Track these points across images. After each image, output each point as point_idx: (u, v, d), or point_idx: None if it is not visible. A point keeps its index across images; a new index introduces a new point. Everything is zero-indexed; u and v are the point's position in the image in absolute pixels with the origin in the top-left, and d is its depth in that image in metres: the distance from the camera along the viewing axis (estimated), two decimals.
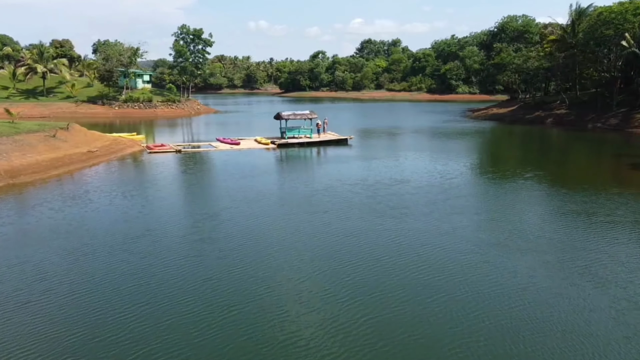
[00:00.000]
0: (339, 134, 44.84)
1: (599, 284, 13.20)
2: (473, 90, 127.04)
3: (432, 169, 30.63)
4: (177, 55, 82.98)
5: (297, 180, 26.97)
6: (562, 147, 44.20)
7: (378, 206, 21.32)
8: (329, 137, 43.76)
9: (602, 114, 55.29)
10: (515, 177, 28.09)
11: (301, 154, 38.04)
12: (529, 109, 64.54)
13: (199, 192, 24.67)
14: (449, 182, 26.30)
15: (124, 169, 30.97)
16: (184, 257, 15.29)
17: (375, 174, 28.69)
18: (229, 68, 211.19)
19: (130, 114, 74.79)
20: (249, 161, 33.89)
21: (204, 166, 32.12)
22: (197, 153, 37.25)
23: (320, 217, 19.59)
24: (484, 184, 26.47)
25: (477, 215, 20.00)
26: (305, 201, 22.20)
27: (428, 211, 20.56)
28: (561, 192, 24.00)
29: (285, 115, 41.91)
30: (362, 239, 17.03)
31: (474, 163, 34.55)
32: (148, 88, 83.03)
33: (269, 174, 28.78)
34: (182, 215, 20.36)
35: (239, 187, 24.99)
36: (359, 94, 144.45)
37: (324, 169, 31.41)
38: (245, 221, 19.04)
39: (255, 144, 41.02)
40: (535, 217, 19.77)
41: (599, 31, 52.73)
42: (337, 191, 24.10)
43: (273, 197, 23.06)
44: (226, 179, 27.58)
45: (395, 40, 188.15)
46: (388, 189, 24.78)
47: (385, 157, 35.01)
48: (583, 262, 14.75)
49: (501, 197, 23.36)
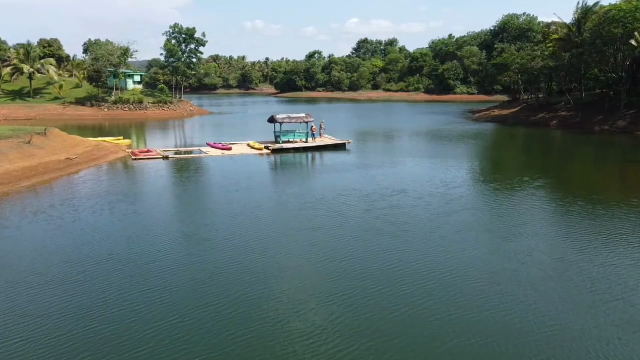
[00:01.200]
0: (336, 138, 42.57)
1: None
2: (471, 91, 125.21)
3: (433, 176, 28.45)
4: (168, 55, 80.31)
5: (289, 191, 24.64)
6: (570, 152, 42.04)
7: (375, 222, 19.14)
8: (326, 141, 41.46)
9: (609, 116, 53.22)
10: (524, 187, 25.89)
11: (296, 160, 35.73)
12: (532, 111, 62.43)
13: (180, 208, 22.23)
14: (452, 193, 24.15)
15: (103, 178, 28.47)
16: (150, 288, 12.97)
17: (373, 183, 26.48)
18: (224, 68, 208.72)
19: (119, 115, 72.28)
20: (239, 169, 31.57)
21: (191, 175, 29.75)
22: (185, 159, 34.87)
23: (309, 236, 17.35)
24: (491, 195, 24.22)
25: (487, 234, 17.74)
26: (295, 216, 20.00)
27: (431, 228, 18.43)
28: (577, 205, 21.72)
29: (279, 119, 39.56)
30: (353, 265, 14.75)
31: (477, 170, 32.39)
32: (139, 89, 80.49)
33: (259, 185, 26.42)
34: (155, 235, 17.85)
35: (226, 201, 22.66)
36: (356, 94, 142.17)
37: (319, 177, 29.09)
38: (225, 242, 16.76)
39: (248, 149, 38.67)
40: (551, 236, 17.50)
41: (607, 30, 50.62)
42: (331, 204, 21.88)
43: (261, 212, 20.71)
44: (213, 190, 25.22)
45: (392, 40, 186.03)
46: (386, 200, 22.62)
47: (384, 163, 32.74)
48: (619, 300, 12.51)
49: (510, 210, 21.11)
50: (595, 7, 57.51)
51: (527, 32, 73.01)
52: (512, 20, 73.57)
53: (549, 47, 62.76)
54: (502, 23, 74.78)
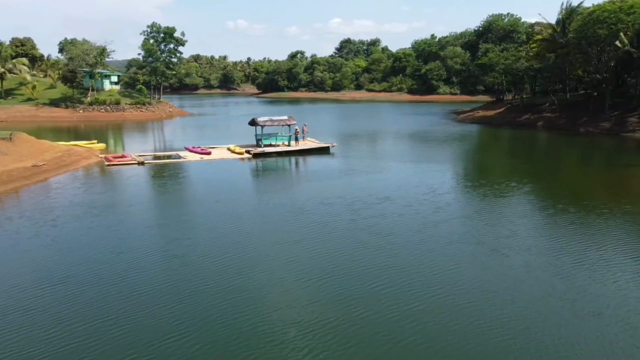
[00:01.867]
0: (319, 141, 41.24)
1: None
2: (454, 91, 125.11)
3: (420, 182, 27.39)
4: (146, 55, 77.97)
5: (270, 201, 23.21)
6: (557, 154, 41.38)
7: (360, 233, 17.97)
8: (310, 144, 40.10)
9: (595, 117, 52.87)
10: (513, 193, 24.93)
11: (279, 165, 34.31)
12: (517, 112, 61.89)
13: (153, 222, 20.53)
14: (440, 200, 23.11)
15: (71, 187, 26.56)
16: (112, 316, 11.48)
17: (358, 189, 25.29)
18: (205, 68, 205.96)
19: (95, 117, 69.87)
20: (219, 176, 30.01)
21: (167, 183, 28.10)
22: (162, 165, 33.17)
23: (288, 251, 16.07)
24: (479, 202, 23.12)
25: (478, 247, 16.63)
26: (276, 229, 18.71)
27: (419, 240, 17.34)
28: (569, 213, 20.70)
29: (261, 122, 38.08)
30: (334, 285, 13.53)
31: (464, 174, 31.42)
32: (116, 90, 78.05)
33: (240, 194, 24.94)
34: (122, 253, 16.26)
35: (204, 213, 21.19)
36: (339, 95, 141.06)
37: (303, 184, 27.73)
38: (200, 260, 15.33)
39: (228, 153, 37.10)
40: (545, 249, 16.39)
41: (592, 30, 50.21)
42: (313, 214, 20.62)
43: (240, 225, 19.25)
44: (190, 201, 23.68)
45: (375, 40, 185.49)
46: (372, 208, 21.48)
47: (369, 168, 31.51)
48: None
49: (501, 220, 20.04)
50: (580, 7, 57.19)
51: (512, 33, 72.54)
52: (496, 21, 73.08)
53: (534, 48, 62.32)
54: (486, 23, 74.21)
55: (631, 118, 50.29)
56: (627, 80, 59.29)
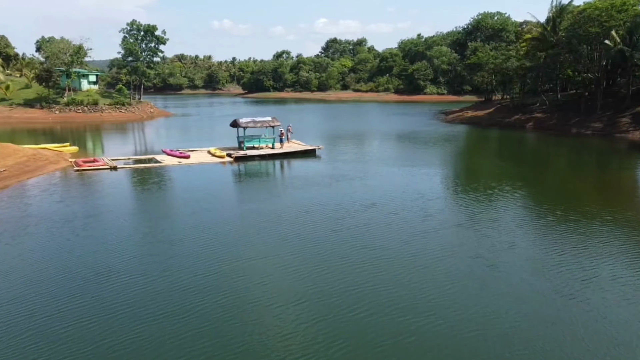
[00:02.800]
0: (305, 143, 39.42)
1: None
2: (441, 91, 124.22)
3: (408, 187, 25.80)
4: (126, 54, 75.30)
5: (249, 210, 21.28)
6: (550, 157, 40.09)
7: (342, 247, 16.34)
8: (295, 147, 38.25)
9: (586, 118, 51.83)
10: (507, 199, 23.43)
11: (262, 170, 32.42)
12: (506, 112, 60.75)
13: (119, 237, 18.42)
14: (430, 206, 21.57)
15: (30, 195, 24.15)
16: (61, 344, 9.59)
17: (344, 196, 23.66)
18: (190, 68, 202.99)
19: (72, 118, 67.20)
20: (197, 182, 27.99)
21: (140, 191, 26.02)
22: (136, 170, 31.07)
23: (261, 269, 14.34)
24: (472, 209, 21.46)
25: (474, 262, 15.02)
26: (252, 241, 17.05)
27: (409, 254, 15.76)
28: (568, 221, 19.13)
29: (243, 123, 36.13)
30: (311, 313, 11.74)
31: (455, 179, 29.83)
32: (94, 89, 75.33)
33: (219, 203, 22.97)
34: (77, 273, 14.30)
35: (179, 226, 19.21)
36: (325, 95, 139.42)
37: (286, 191, 25.84)
38: (169, 282, 13.40)
39: (208, 157, 35.10)
40: (547, 265, 14.76)
41: (583, 29, 49.16)
42: (294, 224, 18.97)
43: (215, 239, 17.36)
44: (164, 212, 21.55)
45: (361, 40, 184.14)
46: (357, 217, 19.86)
47: (356, 172, 29.73)
48: None
49: (495, 229, 18.39)
50: (570, 6, 56.15)
51: (501, 31, 71.48)
52: (485, 19, 71.85)
53: (523, 47, 61.23)
54: (475, 22, 73.03)
55: (623, 118, 49.34)
56: (617, 79, 58.49)
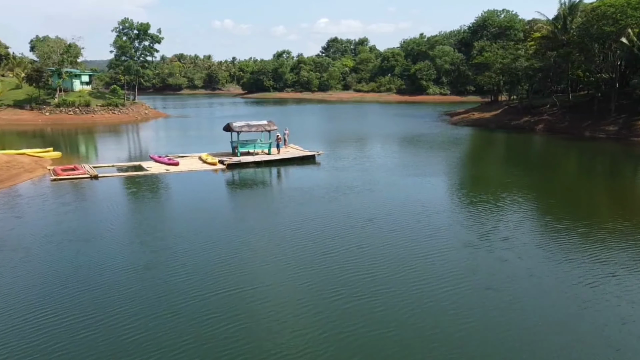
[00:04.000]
0: (303, 148, 36.93)
1: None
2: (444, 91, 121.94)
3: (411, 197, 23.60)
4: (119, 53, 72.72)
5: (241, 230, 18.88)
6: (563, 163, 37.64)
7: (335, 275, 14.18)
8: (293, 152, 35.77)
9: (600, 120, 49.31)
10: (521, 214, 21.11)
11: (257, 178, 29.93)
12: (515, 114, 58.22)
13: (67, 264, 16.10)
14: (435, 222, 19.36)
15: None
16: None
17: (341, 208, 21.44)
18: (189, 68, 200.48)
19: (63, 120, 64.73)
20: (184, 194, 25.45)
21: (118, 205, 23.45)
22: (119, 179, 28.59)
23: (236, 304, 11.91)
24: (482, 227, 18.94)
25: (489, 295, 12.78)
26: (237, 267, 14.69)
27: (408, 283, 13.63)
28: (600, 243, 16.67)
29: (236, 127, 33.66)
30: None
31: (463, 189, 27.15)
32: (86, 90, 72.82)
33: (205, 219, 20.43)
34: (38, 308, 11.94)
35: (161, 253, 16.75)
36: (326, 95, 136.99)
37: (279, 204, 23.31)
38: (135, 317, 10.94)
39: (199, 163, 32.61)
40: (576, 300, 12.36)
41: (596, 27, 46.61)
42: (282, 246, 16.69)
43: (197, 268, 14.95)
44: (137, 234, 19.04)
45: (363, 39, 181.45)
46: (355, 235, 17.71)
47: (357, 181, 27.18)
48: None
49: (511, 252, 16.01)
50: (581, 4, 53.63)
51: (508, 30, 68.87)
52: (492, 17, 69.18)
53: (532, 46, 58.76)
54: (480, 20, 70.37)
55: (639, 122, 46.83)
56: (631, 80, 55.88)
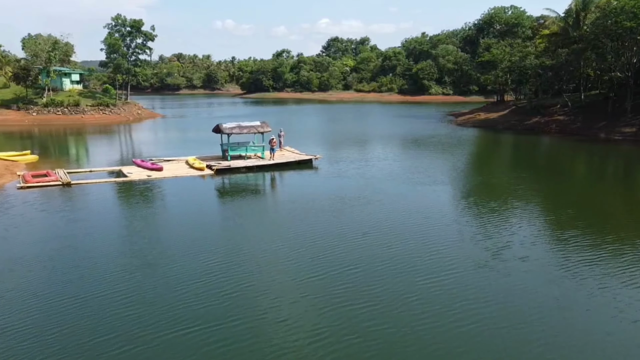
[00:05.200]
0: (300, 152, 34.21)
1: None
2: (447, 91, 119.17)
3: (416, 209, 20.92)
4: (109, 51, 69.77)
5: (226, 255, 16.16)
6: (580, 167, 34.91)
7: (326, 311, 11.50)
8: (288, 156, 33.02)
9: (615, 121, 46.55)
10: (539, 224, 18.41)
11: (248, 185, 27.18)
12: (523, 114, 55.42)
13: (41, 299, 13.43)
14: (443, 240, 16.74)
15: None
16: None
17: (337, 223, 18.65)
18: (188, 67, 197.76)
19: (51, 120, 62.02)
20: (162, 207, 22.65)
21: (84, 219, 20.55)
22: (94, 186, 25.82)
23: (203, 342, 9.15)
24: (496, 241, 16.36)
25: (503, 334, 9.98)
26: (208, 304, 11.84)
27: (403, 318, 11.22)
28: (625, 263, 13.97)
29: (226, 129, 30.92)
30: None
31: (473, 196, 24.11)
32: (76, 89, 70.04)
33: (183, 241, 17.66)
34: None
35: (129, 284, 14.01)
36: (326, 95, 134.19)
37: (273, 215, 20.68)
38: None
39: (186, 168, 29.89)
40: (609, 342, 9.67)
41: (613, 22, 43.82)
42: (270, 270, 13.94)
43: (168, 301, 12.23)
44: (104, 258, 16.29)
45: (364, 39, 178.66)
46: (351, 259, 14.90)
47: (358, 189, 24.37)
48: None
49: (532, 272, 13.41)
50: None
51: (515, 27, 66.05)
52: (499, 14, 66.28)
53: (541, 44, 56.01)
54: (487, 17, 67.54)
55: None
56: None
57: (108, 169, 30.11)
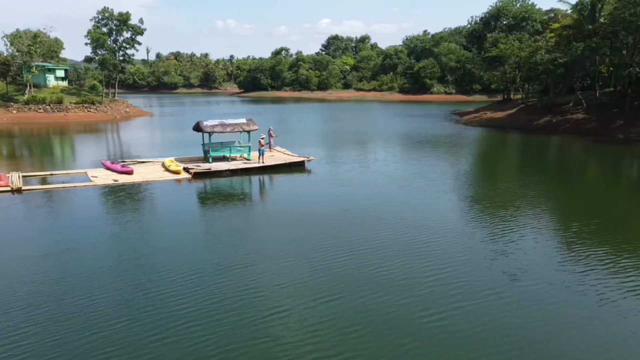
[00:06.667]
0: (292, 153, 30.75)
1: None
2: (449, 90, 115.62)
3: (420, 222, 17.46)
4: (94, 45, 66.11)
5: (193, 280, 12.76)
6: (600, 171, 31.40)
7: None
8: (278, 157, 29.53)
9: (633, 120, 43.04)
10: (569, 243, 14.76)
11: (230, 192, 23.74)
12: (533, 113, 51.91)
13: None
14: (452, 263, 13.37)
15: None
16: None
17: (329, 245, 15.06)
18: (186, 66, 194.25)
19: (31, 119, 58.54)
20: (126, 219, 19.14)
21: (18, 238, 17.26)
22: (48, 192, 22.38)
23: None
24: (520, 263, 12.90)
25: None
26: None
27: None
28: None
29: (207, 127, 27.46)
30: None
31: (482, 207, 20.48)
32: (60, 86, 66.49)
33: (130, 278, 14.29)
34: None
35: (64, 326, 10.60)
36: (325, 94, 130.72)
37: (253, 232, 17.26)
38: None
39: (161, 171, 26.44)
40: None
41: (633, 14, 40.34)
42: (243, 307, 10.25)
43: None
44: (45, 293, 12.92)
45: (364, 37, 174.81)
46: (345, 294, 11.35)
47: (355, 199, 21.01)
48: None
49: (563, 304, 9.89)
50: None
51: (524, 21, 62.55)
52: (507, 7, 62.68)
53: (551, 38, 52.53)
54: (494, 10, 64.05)
55: None
56: None
57: (72, 172, 26.58)
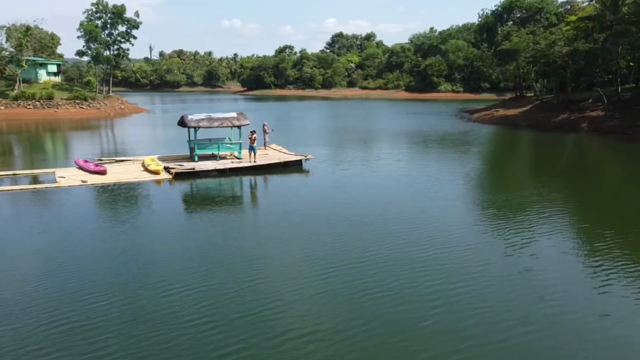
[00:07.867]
0: (289, 151, 27.79)
1: None
2: (457, 89, 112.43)
3: (431, 239, 14.24)
4: (87, 39, 63.28)
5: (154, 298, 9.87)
6: (627, 174, 28.25)
7: None
8: (272, 156, 26.58)
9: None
10: (583, 260, 11.77)
11: (216, 196, 20.81)
12: (549, 110, 48.73)
13: None
14: (471, 292, 10.30)
15: None
16: None
17: (325, 262, 12.03)
18: (189, 64, 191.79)
19: (20, 115, 55.96)
20: (79, 225, 16.27)
21: None
22: (4, 195, 19.56)
23: None
24: (550, 289, 9.95)
25: None
26: None
27: None
28: None
29: (192, 121, 24.57)
30: None
31: (503, 217, 17.48)
32: (52, 82, 63.83)
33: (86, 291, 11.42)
34: None
35: None
36: (330, 92, 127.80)
37: (239, 249, 14.33)
38: None
39: (139, 170, 23.60)
40: None
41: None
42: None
43: None
44: None
45: (370, 34, 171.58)
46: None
47: (357, 207, 18.06)
48: None
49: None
50: None
51: (538, 13, 59.35)
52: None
53: (567, 30, 49.31)
54: (507, 2, 60.89)
55: None
56: None
57: (40, 171, 23.76)
